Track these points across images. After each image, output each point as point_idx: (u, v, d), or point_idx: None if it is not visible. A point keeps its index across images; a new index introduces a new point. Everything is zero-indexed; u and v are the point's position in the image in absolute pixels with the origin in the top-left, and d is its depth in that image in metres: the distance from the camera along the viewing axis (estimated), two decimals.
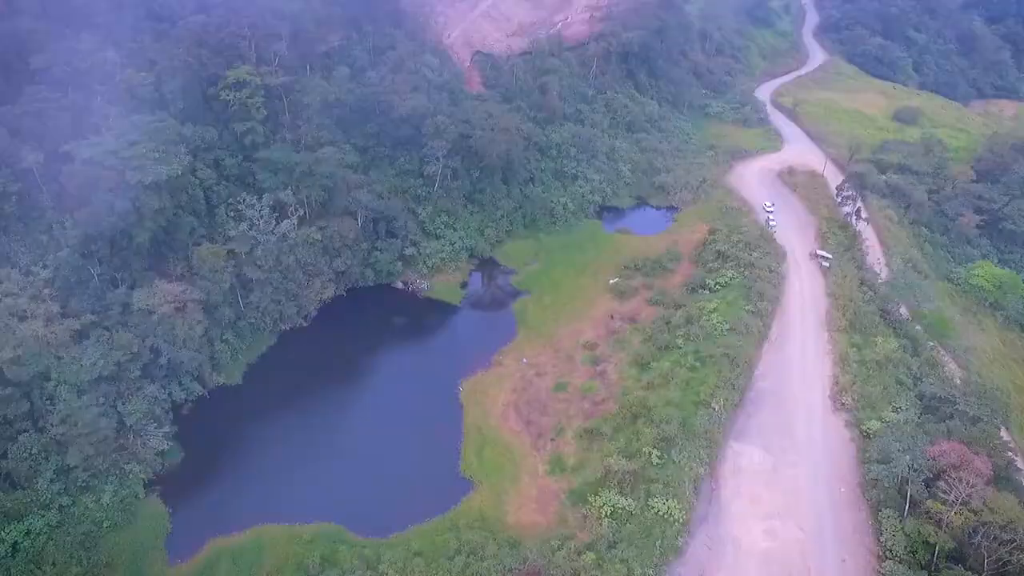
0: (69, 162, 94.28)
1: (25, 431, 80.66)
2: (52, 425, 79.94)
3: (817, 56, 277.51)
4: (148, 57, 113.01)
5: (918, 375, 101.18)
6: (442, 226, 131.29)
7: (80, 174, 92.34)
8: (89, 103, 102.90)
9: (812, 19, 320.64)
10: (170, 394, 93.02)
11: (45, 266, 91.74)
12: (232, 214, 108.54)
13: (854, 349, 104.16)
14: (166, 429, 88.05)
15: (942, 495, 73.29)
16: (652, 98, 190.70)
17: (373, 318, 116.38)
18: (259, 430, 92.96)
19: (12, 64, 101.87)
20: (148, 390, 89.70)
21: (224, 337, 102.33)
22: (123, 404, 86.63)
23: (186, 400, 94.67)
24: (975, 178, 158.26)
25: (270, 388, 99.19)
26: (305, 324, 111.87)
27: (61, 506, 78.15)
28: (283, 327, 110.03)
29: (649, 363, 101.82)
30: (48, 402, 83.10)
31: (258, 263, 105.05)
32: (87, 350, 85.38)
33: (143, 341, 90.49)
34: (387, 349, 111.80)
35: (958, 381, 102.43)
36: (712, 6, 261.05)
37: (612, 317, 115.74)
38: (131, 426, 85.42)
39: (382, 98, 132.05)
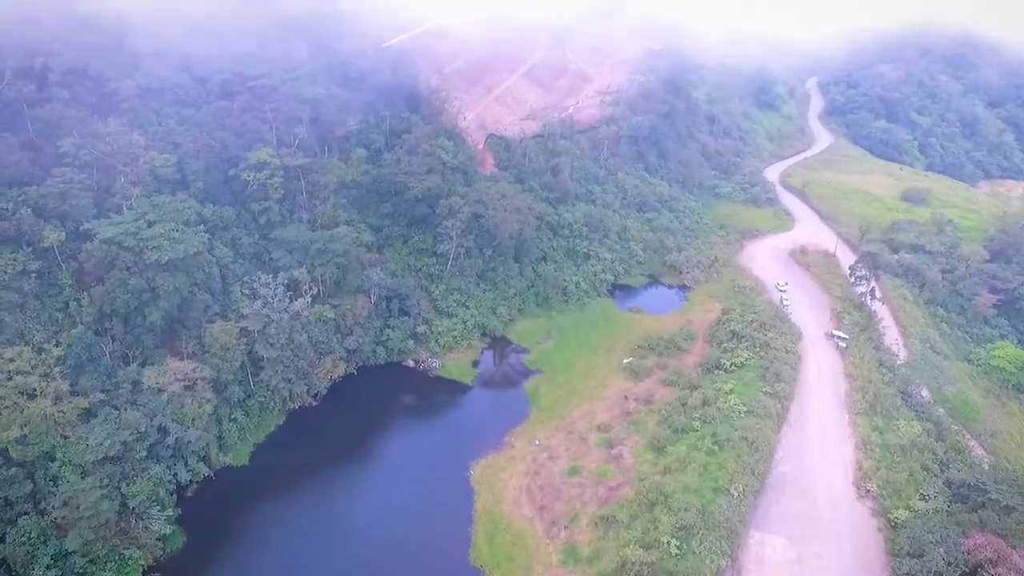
0: (89, 240, 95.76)
1: (26, 513, 78.62)
2: (53, 508, 77.79)
3: (823, 138, 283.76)
4: (172, 140, 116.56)
5: (944, 461, 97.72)
6: (454, 304, 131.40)
7: (99, 252, 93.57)
8: (112, 183, 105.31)
9: (817, 103, 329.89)
10: (175, 475, 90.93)
11: (58, 343, 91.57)
12: (247, 292, 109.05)
13: (876, 433, 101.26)
14: (169, 512, 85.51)
15: None
16: (662, 179, 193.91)
17: (383, 397, 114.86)
18: (264, 514, 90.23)
19: (42, 148, 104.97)
20: (153, 471, 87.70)
21: (233, 416, 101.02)
22: (127, 485, 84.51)
23: (191, 481, 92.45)
24: (988, 258, 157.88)
25: (277, 470, 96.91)
26: (315, 403, 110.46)
27: None
28: (292, 406, 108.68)
29: (665, 446, 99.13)
30: (51, 483, 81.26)
31: (270, 341, 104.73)
32: (94, 429, 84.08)
33: (151, 420, 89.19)
34: (397, 429, 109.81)
35: (987, 467, 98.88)
36: (718, 91, 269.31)
37: (626, 398, 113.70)
38: (133, 509, 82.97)
39: (398, 179, 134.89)
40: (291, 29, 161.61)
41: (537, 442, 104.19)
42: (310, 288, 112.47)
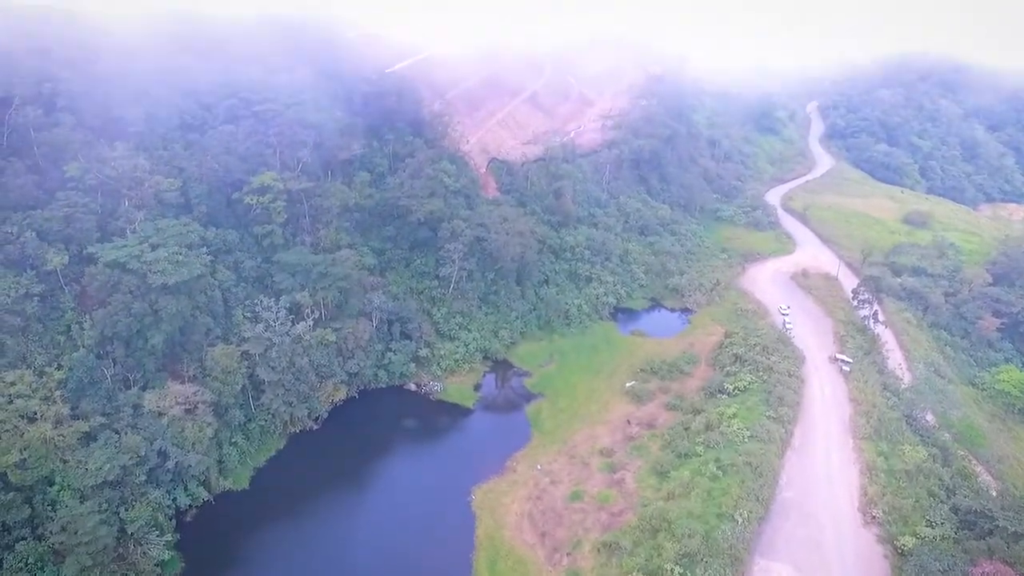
0: (92, 264, 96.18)
1: (23, 539, 77.86)
2: (51, 533, 77.09)
3: (824, 162, 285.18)
4: (177, 164, 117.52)
5: (951, 487, 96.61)
6: (456, 327, 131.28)
7: (102, 276, 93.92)
8: (116, 207, 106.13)
9: (817, 127, 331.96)
10: (175, 500, 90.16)
11: (59, 366, 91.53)
12: (248, 315, 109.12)
13: (881, 458, 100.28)
14: (168, 538, 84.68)
15: None
16: (664, 202, 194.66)
17: (384, 421, 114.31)
18: (263, 540, 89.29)
19: (48, 172, 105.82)
20: (153, 495, 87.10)
21: (233, 440, 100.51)
22: (126, 510, 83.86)
23: (190, 506, 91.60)
24: (991, 281, 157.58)
25: (277, 494, 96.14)
26: (316, 427, 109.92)
27: None
28: (293, 429, 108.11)
29: (668, 471, 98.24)
30: (49, 508, 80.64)
31: (272, 364, 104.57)
32: (94, 453, 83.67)
33: (151, 444, 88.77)
34: (398, 453, 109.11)
35: (994, 493, 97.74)
36: (719, 115, 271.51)
37: (629, 422, 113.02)
38: (132, 534, 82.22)
39: (400, 202, 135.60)
40: (298, 56, 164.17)
41: (539, 467, 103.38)
42: (312, 311, 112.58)
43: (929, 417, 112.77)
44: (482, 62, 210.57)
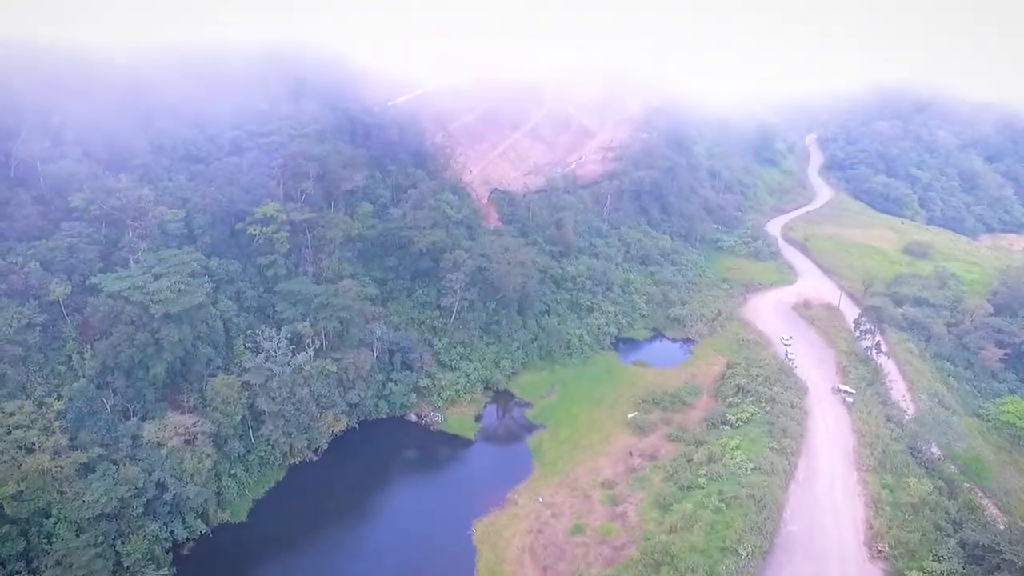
0: (95, 294, 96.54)
1: (18, 572, 76.98)
2: (46, 567, 76.36)
3: (824, 193, 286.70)
4: (181, 195, 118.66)
5: (957, 520, 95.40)
6: (458, 357, 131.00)
7: (104, 306, 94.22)
8: (120, 237, 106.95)
9: (816, 158, 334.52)
10: (172, 532, 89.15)
11: (59, 397, 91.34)
12: (250, 345, 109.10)
13: (886, 491, 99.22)
14: (164, 571, 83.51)
15: None
16: (665, 232, 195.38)
17: (385, 452, 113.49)
18: (260, 573, 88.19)
19: (53, 202, 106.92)
20: (150, 528, 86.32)
21: (232, 471, 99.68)
22: (122, 543, 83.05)
23: (188, 539, 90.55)
24: (993, 311, 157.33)
25: (275, 527, 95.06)
26: (315, 458, 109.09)
27: None
28: (293, 460, 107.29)
29: (671, 504, 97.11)
30: (45, 541, 79.87)
31: (272, 395, 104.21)
32: (91, 485, 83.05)
33: (149, 475, 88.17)
34: (398, 485, 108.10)
35: (1002, 527, 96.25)
36: (719, 146, 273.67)
37: (631, 454, 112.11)
38: (128, 568, 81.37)
39: (403, 233, 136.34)
40: (302, 89, 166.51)
41: (540, 499, 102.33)
42: (313, 341, 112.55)
43: (934, 449, 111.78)
44: (484, 95, 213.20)
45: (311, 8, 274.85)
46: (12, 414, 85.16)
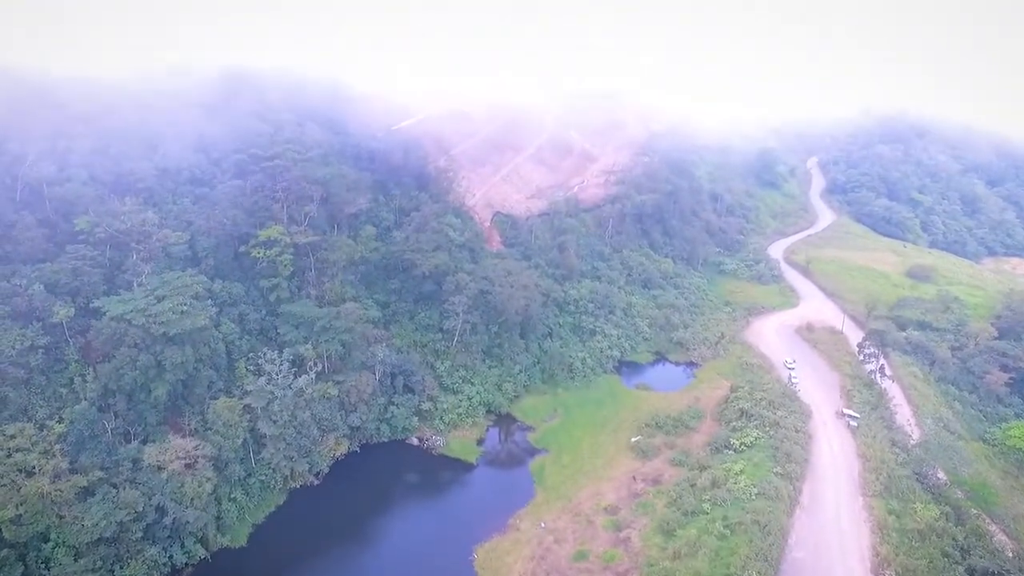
0: (98, 317, 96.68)
1: None
2: None
3: (825, 216, 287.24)
4: (185, 218, 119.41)
5: (965, 547, 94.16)
6: (460, 381, 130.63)
7: (107, 329, 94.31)
8: (124, 260, 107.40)
9: (818, 182, 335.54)
10: (171, 557, 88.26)
11: (61, 420, 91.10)
12: (252, 368, 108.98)
13: (892, 516, 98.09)
14: None
15: None
16: (667, 255, 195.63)
17: (386, 476, 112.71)
18: None
19: (58, 225, 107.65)
20: (149, 553, 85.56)
21: (232, 495, 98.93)
22: (120, 568, 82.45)
23: (187, 564, 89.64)
24: (997, 335, 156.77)
25: (275, 552, 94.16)
26: (316, 482, 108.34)
27: None
28: (294, 484, 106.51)
29: (675, 530, 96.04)
30: (43, 565, 79.33)
31: (273, 418, 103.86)
32: (91, 509, 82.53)
33: (149, 499, 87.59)
34: (399, 510, 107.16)
35: (1010, 554, 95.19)
36: (720, 170, 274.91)
37: (634, 478, 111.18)
38: None
39: (406, 256, 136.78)
40: (306, 113, 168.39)
41: (543, 524, 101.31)
42: (315, 364, 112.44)
43: (940, 474, 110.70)
44: (486, 120, 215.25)
45: (318, 35, 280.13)
46: (13, 436, 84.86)
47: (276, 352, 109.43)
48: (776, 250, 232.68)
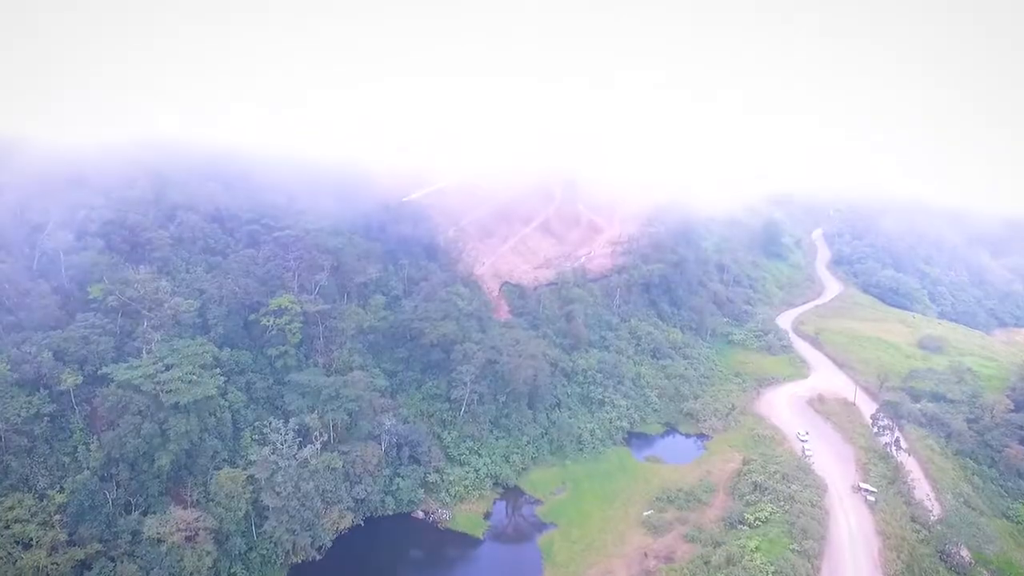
0: (105, 384, 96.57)
1: None
2: None
3: (833, 287, 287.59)
4: (198, 286, 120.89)
5: None
6: (467, 452, 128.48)
7: (114, 396, 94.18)
8: (135, 328, 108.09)
9: (824, 253, 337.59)
10: None
11: (62, 489, 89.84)
12: (257, 437, 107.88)
13: None
14: None
15: None
16: (675, 325, 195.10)
17: (390, 552, 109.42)
18: None
19: (72, 293, 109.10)
20: None
21: (232, 570, 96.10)
22: None
23: None
24: (1012, 407, 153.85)
25: None
26: (319, 556, 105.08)
27: None
28: (295, 559, 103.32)
29: None
30: None
31: (277, 490, 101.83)
32: None
33: (147, 574, 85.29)
34: None
35: None
36: (726, 241, 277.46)
37: (646, 555, 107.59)
38: None
39: (414, 325, 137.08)
40: (319, 185, 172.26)
41: None
42: (320, 434, 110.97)
43: (964, 552, 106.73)
44: (495, 191, 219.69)
45: (336, 109, 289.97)
46: (12, 508, 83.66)
47: (282, 421, 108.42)
48: (784, 320, 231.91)
